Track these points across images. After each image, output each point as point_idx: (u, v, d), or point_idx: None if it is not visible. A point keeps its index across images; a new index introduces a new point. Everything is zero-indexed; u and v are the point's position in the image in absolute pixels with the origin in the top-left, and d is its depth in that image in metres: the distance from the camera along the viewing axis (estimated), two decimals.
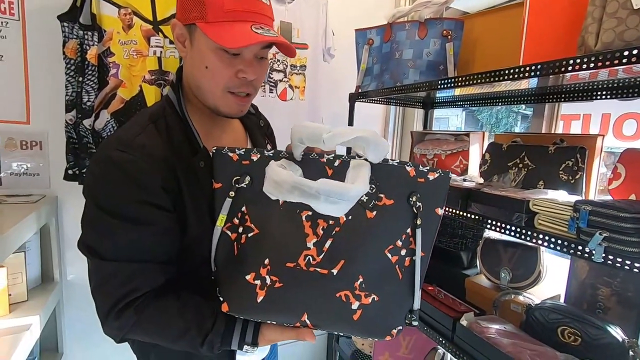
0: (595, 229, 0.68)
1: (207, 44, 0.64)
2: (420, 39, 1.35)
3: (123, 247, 0.62)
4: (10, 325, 1.09)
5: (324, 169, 0.60)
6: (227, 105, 0.70)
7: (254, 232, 0.62)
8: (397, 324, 0.62)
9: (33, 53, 1.30)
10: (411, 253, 0.60)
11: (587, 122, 1.28)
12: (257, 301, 0.60)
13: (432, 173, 0.58)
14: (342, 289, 0.58)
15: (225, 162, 0.63)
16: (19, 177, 1.36)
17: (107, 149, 0.63)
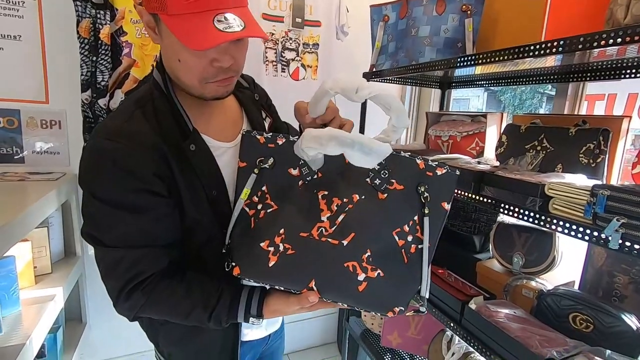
0: (612, 215, 0.65)
1: (173, 37, 0.59)
2: (438, 14, 1.29)
3: (124, 235, 0.63)
4: (36, 296, 1.16)
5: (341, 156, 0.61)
6: (211, 91, 0.67)
7: (272, 207, 0.67)
8: (400, 304, 0.63)
9: (49, 33, 1.32)
10: (417, 241, 0.63)
11: (612, 102, 1.21)
12: (269, 266, 0.64)
13: (440, 168, 0.62)
14: (351, 260, 0.62)
15: (252, 144, 0.68)
16: (40, 155, 1.41)
17: (96, 138, 0.63)
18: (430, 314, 1.17)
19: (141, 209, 0.63)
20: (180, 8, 0.57)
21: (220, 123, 0.75)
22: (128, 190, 0.62)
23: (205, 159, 0.68)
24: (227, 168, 0.72)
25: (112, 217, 0.62)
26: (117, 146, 0.61)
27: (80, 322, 1.57)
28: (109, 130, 0.63)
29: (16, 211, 0.95)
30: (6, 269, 1.04)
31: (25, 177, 1.32)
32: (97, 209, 0.62)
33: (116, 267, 0.63)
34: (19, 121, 1.36)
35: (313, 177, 0.66)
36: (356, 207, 0.63)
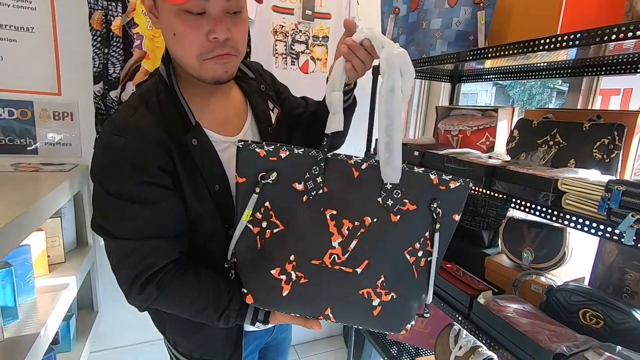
0: (627, 210, 0.65)
1: (169, 8, 0.60)
2: (450, 7, 1.28)
3: (134, 227, 0.64)
4: (50, 284, 1.18)
5: (350, 170, 0.62)
6: (210, 71, 0.65)
7: (279, 228, 0.64)
8: (410, 321, 0.67)
9: (62, 25, 1.33)
10: (427, 254, 0.64)
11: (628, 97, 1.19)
12: (282, 295, 0.63)
13: (454, 182, 0.61)
14: (365, 287, 0.62)
15: (251, 158, 0.62)
16: (53, 146, 1.43)
17: (105, 134, 0.64)
18: (439, 308, 1.17)
19: (150, 201, 0.64)
20: None
21: (224, 116, 0.75)
22: (136, 183, 0.62)
23: (207, 153, 0.68)
24: (231, 162, 0.71)
25: (121, 209, 0.63)
26: (124, 141, 0.62)
27: (92, 310, 1.60)
28: (115, 125, 0.64)
29: (31, 202, 0.96)
30: (22, 258, 1.07)
31: (38, 167, 1.34)
32: (108, 202, 0.63)
33: (127, 258, 0.64)
34: (32, 113, 1.37)
35: (318, 192, 0.62)
36: (368, 231, 0.61)
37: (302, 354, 2.09)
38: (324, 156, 0.62)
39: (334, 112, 0.63)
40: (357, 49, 0.64)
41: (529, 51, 0.86)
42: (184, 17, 0.60)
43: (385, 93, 0.57)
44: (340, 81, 0.65)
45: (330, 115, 0.64)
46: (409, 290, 0.64)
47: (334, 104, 0.63)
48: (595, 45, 0.72)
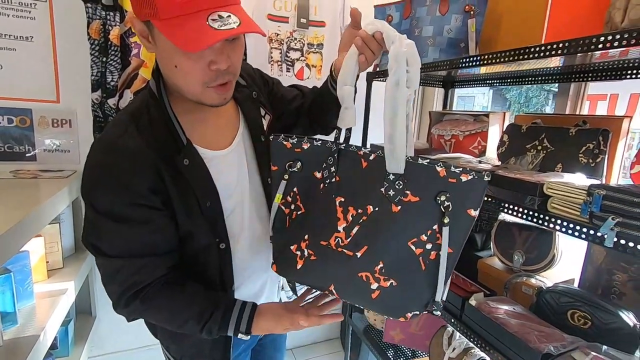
0: (608, 214, 0.67)
1: (168, 42, 0.58)
2: (441, 15, 1.31)
3: (124, 246, 0.65)
4: (48, 289, 1.20)
5: (359, 161, 0.66)
6: (210, 98, 0.66)
7: (301, 210, 0.72)
8: (414, 309, 0.65)
9: (60, 34, 1.35)
10: (438, 248, 0.61)
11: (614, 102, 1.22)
12: (297, 268, 0.71)
13: (465, 174, 0.58)
14: (364, 270, 0.64)
15: (280, 149, 0.72)
16: (52, 153, 1.45)
17: (93, 154, 0.65)
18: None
19: (139, 221, 0.65)
20: (172, 11, 0.55)
21: (216, 129, 0.76)
22: (125, 204, 0.63)
23: (198, 172, 0.69)
24: (222, 176, 0.73)
25: (111, 228, 0.64)
26: (112, 161, 0.63)
27: (90, 315, 1.61)
28: (104, 145, 0.65)
29: (30, 208, 0.98)
30: (21, 264, 1.08)
31: (37, 174, 1.35)
32: (98, 221, 0.64)
33: (116, 275, 0.66)
34: (31, 120, 1.39)
35: (332, 180, 0.68)
36: (369, 219, 0.64)
37: (300, 357, 2.10)
38: (337, 148, 0.68)
39: (346, 107, 0.67)
40: (371, 41, 0.66)
41: (517, 59, 0.89)
42: (186, 52, 0.59)
43: (391, 87, 0.59)
44: (352, 76, 0.68)
45: (343, 110, 0.68)
46: (413, 280, 0.63)
47: (346, 98, 0.67)
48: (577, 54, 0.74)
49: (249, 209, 0.80)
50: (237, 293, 0.80)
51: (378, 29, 0.64)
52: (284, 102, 0.92)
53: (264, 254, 0.84)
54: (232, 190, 0.76)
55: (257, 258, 0.83)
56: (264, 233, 0.83)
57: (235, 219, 0.77)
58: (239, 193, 0.78)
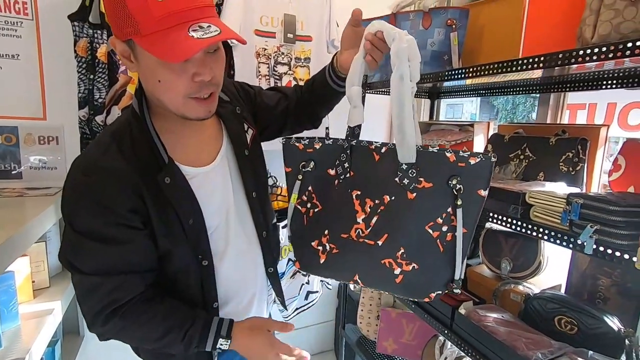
0: (587, 222, 0.69)
1: (151, 57, 0.59)
2: (425, 29, 1.34)
3: (101, 264, 0.65)
4: (34, 310, 1.17)
5: (372, 155, 0.70)
6: (193, 111, 0.66)
7: (318, 208, 0.76)
8: (436, 289, 0.69)
9: (47, 51, 1.35)
10: (453, 229, 0.65)
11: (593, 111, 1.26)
12: (320, 262, 0.74)
13: (474, 158, 0.62)
14: (386, 257, 0.68)
15: (292, 151, 0.75)
16: (38, 170, 1.43)
17: (74, 173, 0.65)
18: (423, 320, 1.19)
19: (118, 241, 0.65)
20: (153, 26, 0.56)
21: (198, 147, 0.76)
22: (104, 224, 0.63)
23: (180, 190, 0.69)
24: (205, 193, 0.73)
25: (89, 248, 0.64)
26: (92, 181, 0.63)
27: (77, 335, 1.57)
28: (85, 165, 0.65)
29: (16, 227, 0.97)
30: (6, 284, 1.06)
31: (23, 192, 1.34)
32: (76, 239, 0.64)
33: (93, 292, 0.65)
34: (17, 137, 1.38)
35: (346, 176, 0.72)
36: (387, 208, 0.68)
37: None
38: (348, 144, 0.71)
39: (354, 106, 0.71)
40: (378, 42, 0.69)
41: (498, 72, 0.92)
42: (168, 66, 0.60)
43: (396, 81, 0.63)
44: (360, 76, 0.72)
45: (351, 109, 0.71)
46: (433, 262, 0.67)
47: (354, 98, 0.71)
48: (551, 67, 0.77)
49: (234, 224, 0.80)
50: (223, 310, 0.80)
51: (378, 29, 0.68)
52: (269, 109, 0.93)
53: (249, 269, 0.84)
54: (216, 206, 0.76)
55: (243, 273, 0.83)
56: (249, 248, 0.83)
57: (220, 236, 0.77)
58: (223, 209, 0.78)
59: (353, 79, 0.72)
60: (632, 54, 0.62)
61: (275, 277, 0.91)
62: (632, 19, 0.66)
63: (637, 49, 0.62)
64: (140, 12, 0.56)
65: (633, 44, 0.62)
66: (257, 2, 1.45)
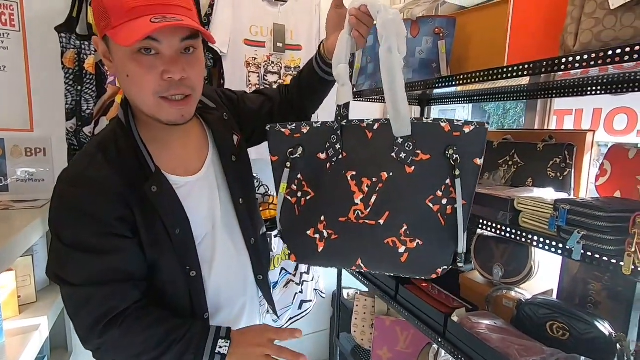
0: (574, 228, 0.69)
1: (121, 50, 0.61)
2: (413, 37, 1.36)
3: (91, 274, 0.63)
4: (20, 326, 1.14)
5: (364, 133, 0.68)
6: (165, 113, 0.65)
7: (310, 195, 0.73)
8: (442, 264, 0.68)
9: (34, 63, 1.34)
10: (453, 202, 0.64)
11: (580, 117, 1.28)
12: (318, 251, 0.72)
13: (468, 126, 0.61)
14: (389, 236, 0.66)
15: (278, 137, 0.72)
16: (25, 182, 1.41)
17: (61, 184, 0.65)
18: (416, 327, 1.19)
19: (107, 250, 0.64)
20: (121, 17, 0.58)
21: (185, 156, 0.76)
22: (92, 234, 0.63)
23: (167, 199, 0.69)
24: (193, 202, 0.73)
25: (77, 259, 0.63)
26: (79, 192, 0.62)
27: (65, 350, 1.54)
28: (71, 176, 0.65)
29: (1, 241, 0.95)
30: None
31: (9, 205, 1.31)
32: (64, 252, 0.63)
33: (86, 304, 0.64)
34: (4, 150, 1.36)
35: (339, 158, 0.70)
36: (386, 185, 0.66)
37: None
38: (339, 125, 0.69)
39: (342, 84, 0.69)
40: (363, 16, 0.68)
41: (485, 80, 0.93)
42: (137, 59, 0.61)
43: (385, 54, 0.62)
44: (346, 54, 0.70)
45: (339, 87, 0.69)
46: (437, 236, 0.66)
47: (342, 76, 0.69)
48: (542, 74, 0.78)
49: (221, 232, 0.79)
50: (215, 320, 0.78)
51: (362, 2, 0.67)
52: (253, 114, 0.93)
53: (238, 277, 0.83)
54: (203, 215, 0.76)
55: (233, 281, 0.82)
56: (237, 256, 0.83)
57: (207, 245, 0.76)
58: (210, 218, 0.77)
59: (340, 56, 0.70)
60: (612, 61, 0.64)
61: (265, 284, 0.90)
62: (612, 27, 0.67)
63: (617, 56, 0.63)
64: (113, 6, 0.59)
65: (613, 51, 0.64)
66: (247, 12, 1.46)
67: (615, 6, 0.66)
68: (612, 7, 0.66)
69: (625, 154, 0.87)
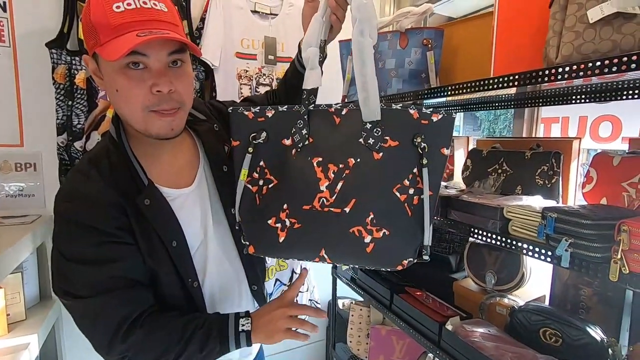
0: (562, 235, 0.71)
1: (110, 66, 0.62)
2: (402, 48, 1.38)
3: (99, 283, 0.64)
4: (8, 345, 1.12)
5: (331, 118, 0.66)
6: (155, 127, 0.66)
7: (273, 182, 0.70)
8: (408, 256, 0.65)
9: (24, 78, 1.34)
10: (419, 192, 0.63)
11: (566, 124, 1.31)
12: (279, 241, 0.68)
13: (436, 114, 0.61)
14: (355, 225, 0.64)
15: (241, 121, 0.69)
16: (15, 198, 1.40)
17: (58, 204, 0.66)
18: (411, 336, 1.19)
19: (111, 258, 0.64)
20: (109, 34, 0.60)
21: (177, 169, 0.77)
22: (94, 244, 0.63)
23: (161, 212, 0.69)
24: (187, 214, 0.73)
25: (83, 271, 0.63)
26: (75, 206, 0.64)
27: None
28: (67, 193, 0.66)
29: None
30: None
31: None
32: (68, 267, 0.64)
33: (101, 314, 0.64)
34: None
35: (305, 143, 0.67)
36: (353, 171, 0.64)
37: None
38: (306, 109, 0.67)
39: (311, 68, 0.68)
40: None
41: (474, 90, 0.94)
42: (126, 73, 0.62)
43: (357, 37, 0.62)
44: (317, 37, 0.69)
45: (308, 71, 0.68)
46: (403, 227, 0.64)
47: (312, 59, 0.67)
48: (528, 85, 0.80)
49: (213, 243, 0.79)
50: None
51: None
52: None
53: (234, 287, 0.83)
54: (197, 227, 0.76)
55: (227, 292, 0.82)
56: (230, 265, 0.83)
57: (201, 255, 0.76)
58: (203, 228, 0.77)
59: (310, 40, 0.69)
60: (593, 73, 0.66)
61: (260, 294, 0.90)
62: (591, 40, 0.69)
63: (597, 68, 0.65)
64: (100, 24, 0.60)
65: (593, 64, 0.66)
66: (238, 26, 1.48)
67: (594, 20, 0.68)
68: (591, 20, 0.69)
69: (609, 161, 0.89)
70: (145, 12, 0.61)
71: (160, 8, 0.63)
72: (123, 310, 0.64)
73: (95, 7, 0.60)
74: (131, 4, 0.60)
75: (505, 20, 0.95)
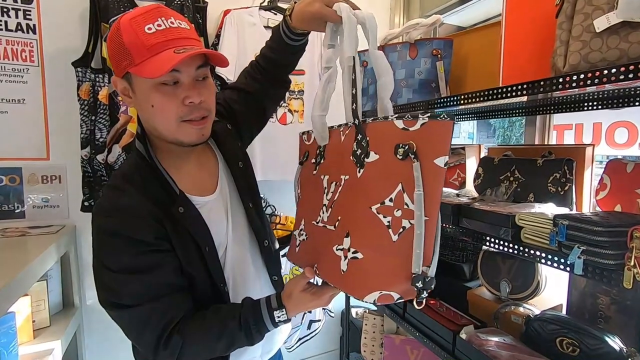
0: (574, 242, 0.70)
1: (144, 84, 0.66)
2: (412, 59, 1.40)
3: (145, 292, 0.67)
4: (34, 351, 1.16)
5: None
6: (187, 135, 0.71)
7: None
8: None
9: (51, 96, 1.41)
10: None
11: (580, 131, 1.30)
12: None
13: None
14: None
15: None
16: (41, 209, 1.46)
17: (96, 219, 0.69)
18: (425, 345, 1.18)
19: (153, 266, 0.68)
20: (144, 54, 0.64)
21: (200, 178, 0.81)
22: (136, 255, 0.67)
23: (194, 218, 0.73)
24: (213, 220, 0.77)
25: (129, 282, 0.67)
26: (115, 219, 0.67)
27: None
28: (105, 209, 0.70)
29: (17, 268, 0.98)
30: (6, 326, 1.06)
31: (25, 231, 1.36)
32: (114, 279, 0.67)
33: (148, 320, 0.67)
34: (21, 178, 1.42)
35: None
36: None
37: None
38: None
39: None
40: None
41: (484, 100, 0.95)
42: (160, 90, 0.67)
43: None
44: None
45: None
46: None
47: None
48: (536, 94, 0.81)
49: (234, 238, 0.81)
50: None
51: None
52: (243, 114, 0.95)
53: (255, 279, 0.86)
54: (223, 232, 0.80)
55: (250, 284, 0.84)
56: (251, 258, 0.85)
57: (226, 258, 0.80)
58: (226, 233, 0.81)
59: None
60: (600, 81, 0.66)
61: (281, 285, 0.91)
62: (598, 49, 0.70)
63: (604, 77, 0.66)
64: (134, 44, 0.64)
65: (601, 72, 0.66)
66: (251, 41, 1.53)
67: (600, 29, 0.69)
68: (598, 30, 0.70)
69: (623, 168, 0.88)
70: (174, 31, 0.66)
71: (184, 27, 0.68)
72: (166, 317, 0.68)
73: (127, 30, 0.64)
74: (161, 25, 0.65)
75: (513, 29, 0.96)
